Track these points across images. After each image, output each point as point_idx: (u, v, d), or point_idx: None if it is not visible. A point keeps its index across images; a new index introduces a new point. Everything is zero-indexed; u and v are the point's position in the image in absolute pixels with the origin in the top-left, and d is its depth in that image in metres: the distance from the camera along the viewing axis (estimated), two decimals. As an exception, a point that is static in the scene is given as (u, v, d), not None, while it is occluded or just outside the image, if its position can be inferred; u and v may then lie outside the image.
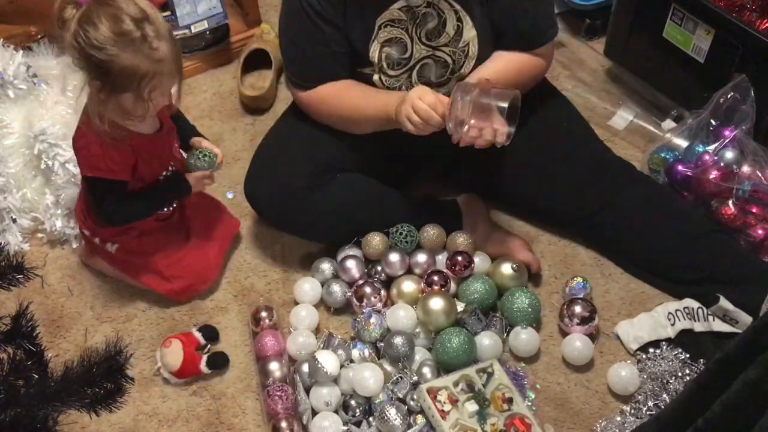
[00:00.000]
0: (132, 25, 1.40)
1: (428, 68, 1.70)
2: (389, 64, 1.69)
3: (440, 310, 1.62)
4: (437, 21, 1.64)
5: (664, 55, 2.00)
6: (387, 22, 1.64)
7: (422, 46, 1.67)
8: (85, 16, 1.40)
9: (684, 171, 1.83)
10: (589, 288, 1.72)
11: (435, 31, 1.65)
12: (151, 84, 1.45)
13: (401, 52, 1.67)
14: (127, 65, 1.41)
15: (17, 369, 1.19)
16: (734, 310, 1.62)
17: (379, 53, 1.67)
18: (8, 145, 1.88)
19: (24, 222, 1.89)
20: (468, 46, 1.68)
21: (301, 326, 1.69)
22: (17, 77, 1.91)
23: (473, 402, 1.51)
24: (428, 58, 1.68)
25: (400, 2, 1.62)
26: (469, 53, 1.68)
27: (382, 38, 1.66)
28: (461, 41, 1.67)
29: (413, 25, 1.65)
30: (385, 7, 1.63)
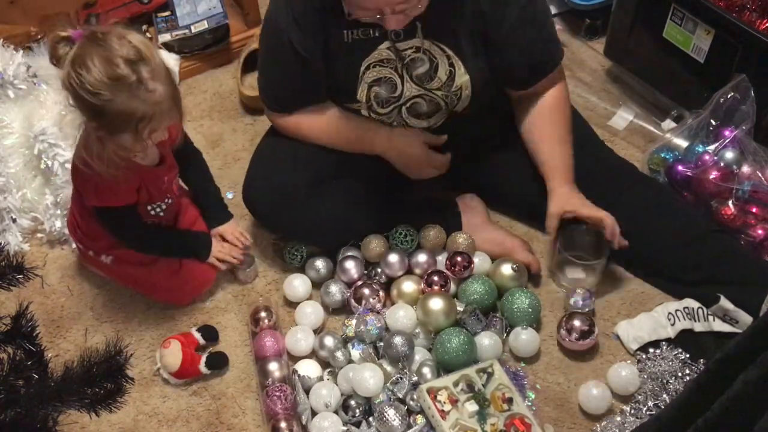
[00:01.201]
0: (126, 68, 1.35)
1: (419, 105, 1.68)
2: (378, 103, 1.67)
3: (440, 311, 1.62)
4: (428, 66, 1.62)
5: (664, 55, 2.00)
6: (376, 62, 1.62)
7: (414, 86, 1.65)
8: (78, 58, 1.35)
9: (684, 171, 1.83)
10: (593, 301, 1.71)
11: (426, 76, 1.63)
12: (149, 126, 1.41)
13: (390, 91, 1.65)
14: (123, 109, 1.37)
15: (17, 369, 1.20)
16: (734, 310, 1.62)
17: (367, 93, 1.66)
18: (8, 145, 1.88)
19: (24, 222, 1.89)
20: (461, 90, 1.65)
21: (305, 323, 1.69)
22: (17, 77, 1.91)
23: (473, 402, 1.51)
24: (419, 97, 1.67)
25: (386, 43, 1.60)
26: (462, 96, 1.67)
27: (369, 78, 1.64)
28: (454, 85, 1.64)
29: (402, 65, 1.62)
30: (374, 48, 1.61)
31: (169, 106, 1.43)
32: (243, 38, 2.32)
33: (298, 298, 1.75)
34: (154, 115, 1.40)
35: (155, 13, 2.34)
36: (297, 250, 1.80)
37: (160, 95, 1.39)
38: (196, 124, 2.17)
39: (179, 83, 2.26)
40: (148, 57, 1.38)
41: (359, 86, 1.65)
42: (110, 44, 1.36)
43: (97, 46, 1.35)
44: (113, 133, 1.42)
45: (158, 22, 2.32)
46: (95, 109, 1.38)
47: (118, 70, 1.34)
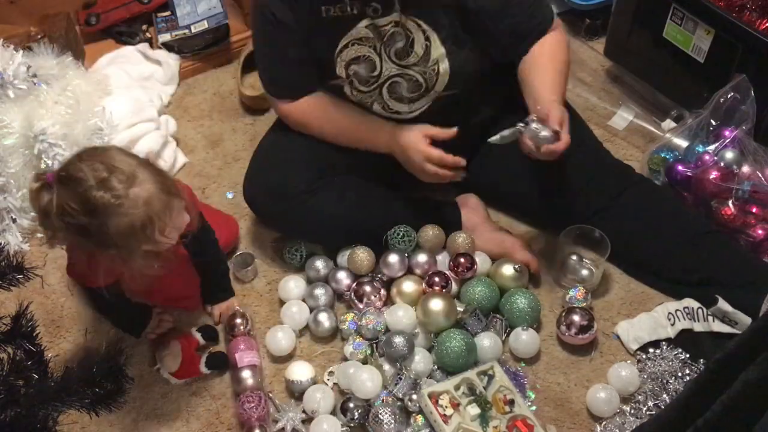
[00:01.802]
0: (98, 192, 1.30)
1: (399, 86, 1.68)
2: (359, 81, 1.67)
3: (440, 311, 1.62)
4: (405, 41, 1.62)
5: (664, 55, 2.00)
6: (354, 40, 1.62)
7: (392, 64, 1.65)
8: (59, 208, 1.32)
9: (684, 171, 1.83)
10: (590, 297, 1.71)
11: (404, 51, 1.63)
12: (157, 227, 1.35)
13: (370, 70, 1.65)
14: (122, 228, 1.32)
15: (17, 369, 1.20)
16: (733, 312, 1.62)
17: (345, 71, 1.66)
18: (8, 145, 1.88)
19: (24, 222, 1.89)
20: (437, 64, 1.65)
21: (289, 323, 1.70)
22: (17, 77, 1.91)
23: (475, 405, 1.51)
24: (398, 76, 1.66)
25: (365, 20, 1.60)
26: (439, 71, 1.65)
27: (348, 57, 1.64)
28: (430, 60, 1.64)
29: (381, 43, 1.62)
30: (351, 27, 1.60)
31: (163, 201, 1.36)
32: (243, 38, 2.32)
33: (294, 299, 1.75)
34: (153, 216, 1.34)
35: (155, 13, 2.34)
36: (296, 249, 1.80)
37: (144, 197, 1.33)
38: (196, 124, 2.17)
39: (179, 83, 2.26)
40: (113, 167, 1.32)
41: (337, 64, 1.65)
42: (78, 178, 1.31)
43: (66, 186, 1.32)
44: (131, 250, 1.37)
45: (158, 22, 2.32)
46: (100, 241, 1.34)
47: (91, 200, 1.30)
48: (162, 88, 2.22)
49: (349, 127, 1.72)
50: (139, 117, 2.02)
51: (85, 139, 1.88)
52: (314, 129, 1.74)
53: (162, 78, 2.23)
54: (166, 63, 2.23)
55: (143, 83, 2.18)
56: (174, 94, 2.24)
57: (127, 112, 2.00)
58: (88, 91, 2.00)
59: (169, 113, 2.17)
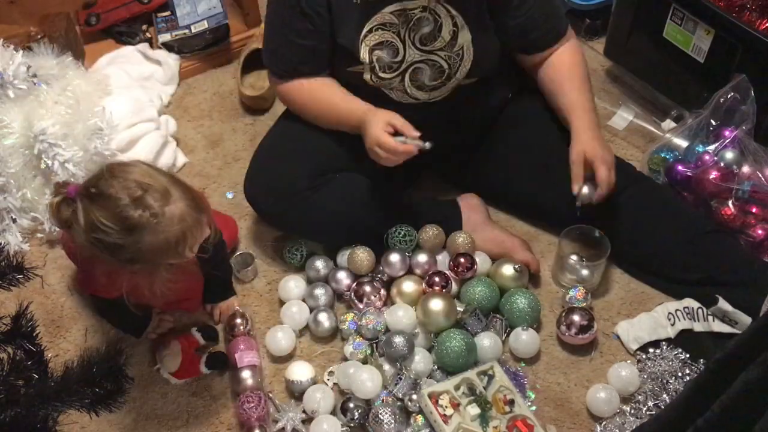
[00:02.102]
0: (136, 211, 1.30)
1: (422, 72, 1.68)
2: (381, 67, 1.68)
3: (440, 311, 1.62)
4: (433, 25, 1.63)
5: (664, 55, 2.00)
6: (378, 25, 1.63)
7: (416, 51, 1.66)
8: (89, 224, 1.31)
9: (684, 171, 1.83)
10: (590, 297, 1.71)
11: (430, 36, 1.64)
12: (188, 243, 1.37)
13: (392, 55, 1.66)
14: (155, 246, 1.33)
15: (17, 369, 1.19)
16: (733, 311, 1.62)
17: (369, 56, 1.66)
18: (8, 145, 1.88)
19: (24, 222, 1.89)
20: (463, 50, 1.66)
21: (289, 323, 1.70)
22: (17, 77, 1.91)
23: (475, 405, 1.51)
24: (422, 62, 1.67)
25: (393, 6, 1.61)
26: (464, 57, 1.67)
27: (371, 42, 1.64)
28: (456, 45, 1.65)
29: (406, 29, 1.63)
30: (377, 11, 1.61)
31: (194, 217, 1.37)
32: (243, 38, 2.32)
33: (293, 299, 1.75)
34: (185, 233, 1.36)
35: (155, 13, 2.34)
36: (296, 249, 1.80)
37: (179, 215, 1.34)
38: (196, 124, 2.17)
39: (179, 83, 2.26)
40: (149, 185, 1.33)
41: (361, 48, 1.65)
42: (109, 194, 1.31)
43: (98, 203, 1.32)
44: (157, 263, 1.39)
45: (158, 22, 2.32)
46: (130, 257, 1.34)
47: (130, 219, 1.30)
48: (162, 88, 2.22)
49: (329, 105, 1.72)
50: (139, 117, 2.02)
51: (85, 139, 1.88)
52: (300, 108, 1.76)
53: (162, 78, 2.23)
54: (166, 63, 2.23)
55: (143, 83, 2.18)
56: (174, 94, 2.24)
57: (127, 112, 2.00)
58: (88, 91, 2.00)
59: (169, 113, 2.17)
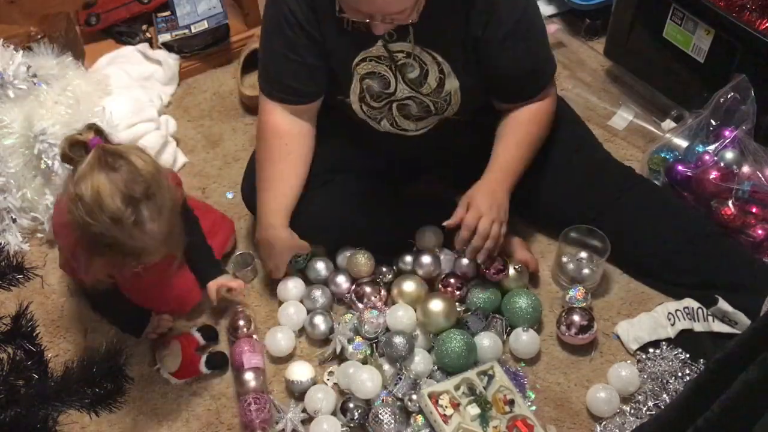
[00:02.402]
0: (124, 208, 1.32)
1: (409, 107, 1.68)
2: (371, 96, 1.67)
3: (440, 312, 1.62)
4: (419, 72, 1.61)
5: (664, 55, 2.00)
6: (371, 57, 1.61)
7: (406, 87, 1.64)
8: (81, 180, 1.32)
9: (684, 171, 1.83)
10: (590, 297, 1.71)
11: (417, 81, 1.62)
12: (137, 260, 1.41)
13: (383, 86, 1.64)
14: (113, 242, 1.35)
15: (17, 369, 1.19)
16: (733, 312, 1.62)
17: (360, 84, 1.65)
18: (8, 145, 1.88)
19: (24, 222, 1.89)
20: (450, 96, 1.65)
21: (287, 324, 1.70)
22: (17, 77, 1.91)
23: (475, 405, 1.51)
24: (410, 99, 1.66)
25: (380, 42, 1.58)
26: (451, 102, 1.66)
27: (364, 70, 1.63)
28: (443, 92, 1.64)
29: (395, 66, 1.61)
30: (370, 44, 1.58)
31: (159, 248, 1.39)
32: (243, 38, 2.32)
33: (292, 299, 1.75)
34: (143, 252, 1.38)
35: (155, 13, 2.34)
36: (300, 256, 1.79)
37: (153, 237, 1.36)
38: (196, 124, 2.17)
39: (179, 83, 2.26)
40: (153, 194, 1.35)
41: (354, 76, 1.64)
42: (118, 174, 1.32)
43: (104, 173, 1.32)
44: (96, 255, 1.40)
45: (158, 22, 2.32)
46: (85, 230, 1.35)
47: (116, 210, 1.31)
48: (162, 88, 2.22)
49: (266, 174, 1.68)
50: (139, 117, 2.02)
51: (85, 139, 1.88)
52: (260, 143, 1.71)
53: (162, 78, 2.23)
54: (166, 63, 2.23)
55: (143, 83, 2.18)
56: (174, 94, 2.24)
57: (127, 112, 2.00)
58: (88, 91, 2.00)
59: (169, 113, 2.17)
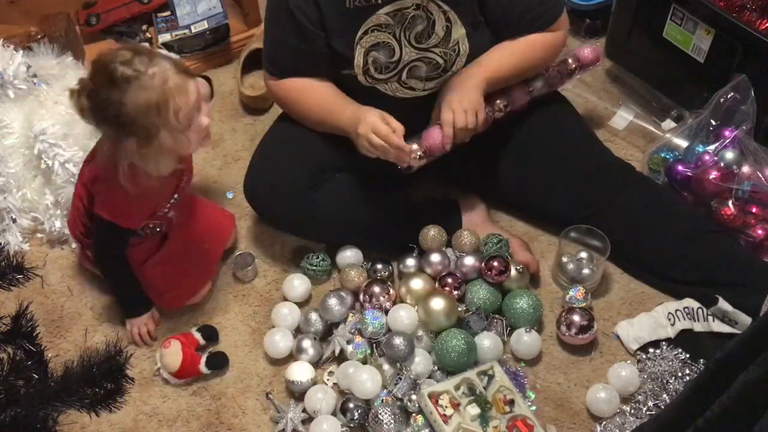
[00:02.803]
0: (121, 67, 1.42)
1: (418, 69, 1.68)
2: (376, 68, 1.67)
3: (441, 311, 1.62)
4: (426, 23, 1.63)
5: (664, 55, 2.00)
6: (373, 27, 1.63)
7: (412, 49, 1.65)
8: (83, 86, 1.45)
9: (684, 171, 1.83)
10: (590, 297, 1.71)
11: (424, 33, 1.64)
12: (171, 108, 1.45)
13: (389, 56, 1.66)
14: (138, 104, 1.42)
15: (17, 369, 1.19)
16: (733, 312, 1.62)
17: (364, 58, 1.66)
18: (8, 145, 1.88)
19: (24, 222, 1.89)
20: (458, 45, 1.66)
21: (282, 324, 1.69)
22: (17, 77, 1.91)
23: (475, 405, 1.51)
24: (418, 60, 1.67)
25: (387, 7, 1.60)
26: (460, 51, 1.67)
27: (367, 43, 1.64)
28: (451, 41, 1.65)
29: (401, 28, 1.63)
30: (372, 13, 1.61)
31: (179, 80, 1.47)
32: (243, 38, 2.32)
33: (296, 298, 1.75)
34: (169, 95, 1.44)
35: (155, 13, 2.34)
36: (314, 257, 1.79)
37: (162, 75, 1.44)
38: (196, 124, 2.17)
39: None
40: (140, 50, 1.47)
41: (356, 51, 1.65)
42: (105, 56, 1.46)
43: (94, 65, 1.46)
44: (149, 137, 1.46)
45: (158, 22, 2.32)
46: (119, 122, 1.43)
47: (114, 72, 1.42)
48: (162, 88, 2.22)
49: (319, 102, 1.72)
50: (139, 117, 2.02)
51: (85, 139, 1.88)
52: (290, 107, 1.77)
53: (162, 78, 2.22)
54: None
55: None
56: (174, 94, 2.24)
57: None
58: (88, 91, 2.00)
59: (169, 113, 2.17)
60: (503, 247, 1.74)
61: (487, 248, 1.74)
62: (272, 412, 1.59)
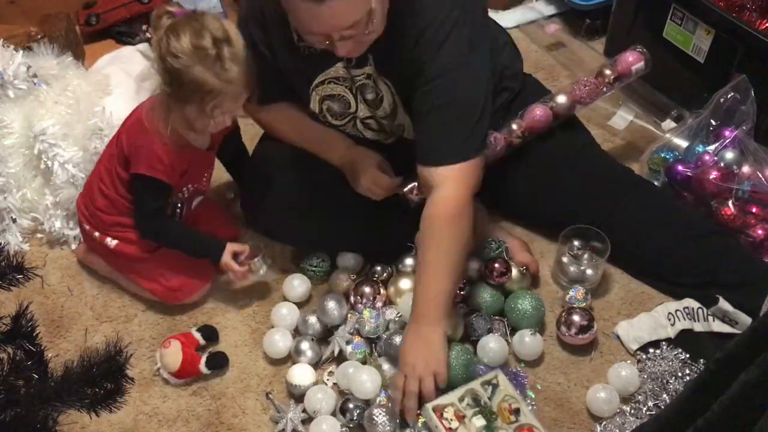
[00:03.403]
0: (210, 42, 1.45)
1: (371, 125, 1.68)
2: (332, 115, 1.67)
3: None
4: (375, 95, 1.61)
5: (664, 55, 2.00)
6: (330, 78, 1.61)
7: (365, 107, 1.64)
8: (173, 27, 1.47)
9: (684, 171, 1.83)
10: (590, 297, 1.71)
11: (373, 103, 1.63)
12: (214, 101, 1.49)
13: (344, 107, 1.65)
14: (197, 78, 1.46)
15: (17, 369, 1.19)
16: (733, 312, 1.62)
17: (319, 105, 1.66)
18: (8, 145, 1.88)
19: (24, 222, 1.89)
20: (404, 126, 1.65)
21: (281, 325, 1.69)
22: (17, 77, 1.91)
23: (480, 417, 1.49)
24: (371, 118, 1.67)
25: (341, 64, 1.58)
26: (405, 131, 1.67)
27: (323, 92, 1.64)
28: (396, 120, 1.65)
29: (355, 88, 1.62)
30: (329, 65, 1.59)
31: (238, 91, 1.51)
32: (243, 38, 2.32)
33: (296, 299, 1.75)
34: (223, 93, 1.48)
35: (155, 13, 2.34)
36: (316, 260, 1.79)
37: (233, 76, 1.47)
38: (196, 124, 2.17)
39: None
40: (233, 41, 1.48)
41: (312, 98, 1.65)
42: (204, 21, 1.47)
43: (193, 20, 1.47)
44: (182, 101, 1.51)
45: (158, 22, 2.31)
46: (172, 73, 1.47)
47: (203, 41, 1.45)
48: (162, 88, 2.22)
49: (309, 137, 1.72)
50: (139, 117, 2.02)
51: (85, 139, 1.88)
52: (279, 133, 1.76)
53: (162, 78, 2.23)
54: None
55: (143, 83, 2.18)
56: (174, 94, 2.24)
57: (127, 112, 1.99)
58: (88, 91, 2.00)
59: (169, 113, 2.17)
60: (503, 252, 1.74)
61: (485, 253, 1.74)
62: (272, 412, 1.59)
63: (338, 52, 1.44)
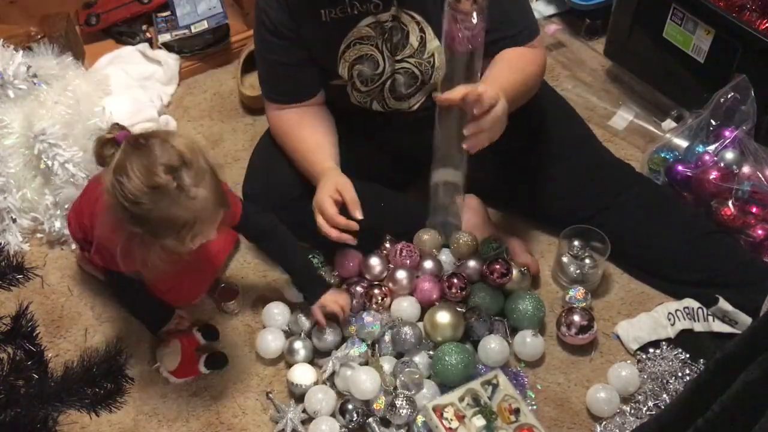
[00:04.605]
0: (166, 176, 1.32)
1: (398, 83, 1.68)
2: (362, 81, 1.67)
3: (447, 324, 1.61)
4: (401, 34, 1.62)
5: (664, 55, 2.00)
6: (356, 40, 1.61)
7: (392, 59, 1.64)
8: (119, 166, 1.33)
9: (684, 171, 1.83)
10: (590, 297, 1.71)
11: (399, 44, 1.63)
12: (192, 231, 1.38)
13: (373, 68, 1.65)
14: (165, 217, 1.34)
15: (17, 369, 1.19)
16: (733, 311, 1.62)
17: (349, 71, 1.65)
18: (8, 145, 1.88)
19: (24, 222, 1.89)
20: (433, 57, 1.64)
21: (273, 324, 1.69)
22: (17, 77, 1.91)
23: (480, 417, 1.49)
24: (396, 72, 1.66)
25: (368, 19, 1.59)
26: (435, 63, 1.65)
27: (351, 57, 1.63)
28: (426, 52, 1.64)
29: (382, 40, 1.62)
30: (352, 26, 1.60)
31: (212, 211, 1.39)
32: (243, 38, 2.32)
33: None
34: (197, 220, 1.37)
35: (155, 13, 2.34)
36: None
37: (202, 201, 1.36)
38: (196, 124, 2.17)
39: (179, 83, 2.26)
40: (190, 161, 1.35)
41: (340, 64, 1.64)
42: (152, 150, 1.33)
43: (138, 153, 1.33)
44: (157, 237, 1.39)
45: (158, 22, 2.32)
46: (136, 217, 1.35)
47: (157, 178, 1.31)
48: (162, 88, 2.22)
49: (298, 151, 1.70)
50: (139, 117, 2.02)
51: (85, 139, 1.88)
52: (280, 141, 1.75)
53: (162, 78, 2.23)
54: (166, 63, 2.23)
55: (143, 83, 2.18)
56: (174, 94, 2.24)
57: (127, 112, 2.00)
58: (88, 91, 2.00)
59: (169, 113, 2.18)
60: (503, 253, 1.74)
61: (485, 254, 1.74)
62: (272, 412, 1.59)
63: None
